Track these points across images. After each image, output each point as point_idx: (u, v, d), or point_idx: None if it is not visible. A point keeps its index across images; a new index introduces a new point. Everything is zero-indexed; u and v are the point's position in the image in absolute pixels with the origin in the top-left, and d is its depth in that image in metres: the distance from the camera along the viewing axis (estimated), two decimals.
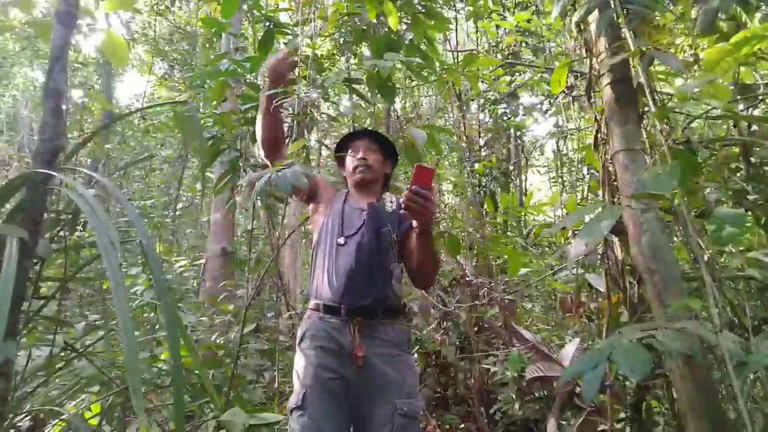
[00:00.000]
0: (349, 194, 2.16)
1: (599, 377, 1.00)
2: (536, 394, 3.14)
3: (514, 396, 3.12)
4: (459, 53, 5.26)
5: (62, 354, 2.39)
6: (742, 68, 2.03)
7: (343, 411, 1.78)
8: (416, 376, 1.91)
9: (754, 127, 2.00)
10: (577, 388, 2.59)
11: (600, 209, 1.21)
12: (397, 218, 1.96)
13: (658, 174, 1.07)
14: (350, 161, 2.12)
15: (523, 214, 5.42)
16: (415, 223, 1.72)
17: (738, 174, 1.87)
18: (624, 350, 1.00)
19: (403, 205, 1.61)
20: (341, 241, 1.93)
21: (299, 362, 1.89)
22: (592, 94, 1.85)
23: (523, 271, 3.71)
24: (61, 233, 2.04)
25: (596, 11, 1.62)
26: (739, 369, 1.07)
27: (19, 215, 1.57)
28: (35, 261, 1.75)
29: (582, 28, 1.82)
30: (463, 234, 4.43)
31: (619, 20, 1.52)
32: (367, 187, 2.11)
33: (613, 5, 1.49)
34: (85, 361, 2.56)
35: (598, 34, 1.67)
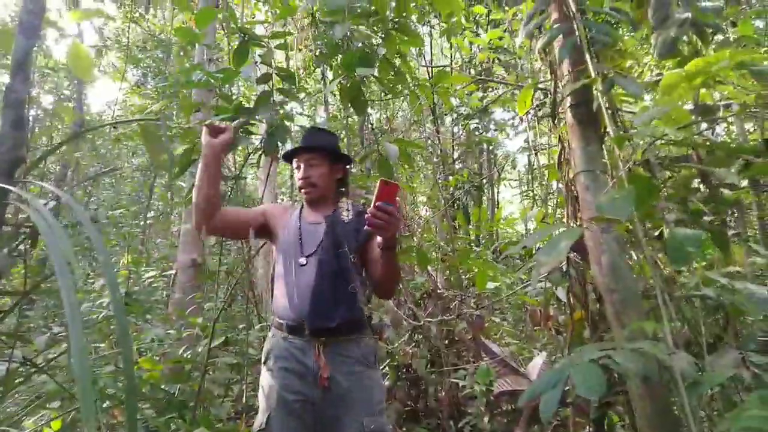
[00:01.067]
0: (303, 207, 2.11)
1: (557, 396, 1.01)
2: (504, 408, 3.16)
3: (483, 409, 3.14)
4: (432, 68, 5.32)
5: (20, 369, 2.32)
6: (702, 89, 2.11)
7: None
8: (383, 391, 1.89)
9: None
10: None
11: (560, 230, 1.23)
12: (354, 227, 1.94)
13: (614, 198, 1.10)
14: (296, 179, 2.08)
15: (494, 228, 5.49)
16: (379, 238, 1.68)
17: (697, 195, 1.93)
18: (581, 371, 1.03)
19: (366, 222, 1.58)
20: (302, 261, 1.88)
21: (264, 382, 1.86)
22: (558, 115, 1.89)
23: (493, 284, 3.75)
24: (21, 247, 1.99)
25: (560, 36, 1.67)
26: (693, 388, 1.11)
27: None
28: None
29: (547, 51, 1.87)
30: (434, 247, 4.46)
31: (582, 45, 1.56)
32: (318, 201, 2.07)
33: (576, 32, 1.53)
34: (45, 376, 2.48)
35: (561, 58, 1.71)
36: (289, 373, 1.79)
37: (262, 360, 1.91)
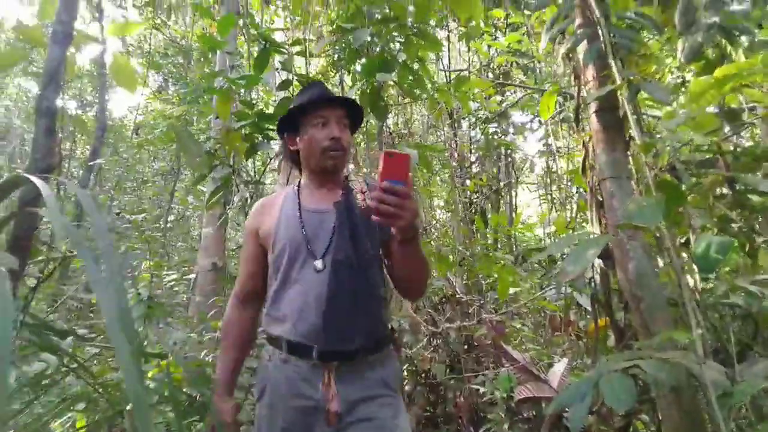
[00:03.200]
0: (301, 187, 1.63)
1: (586, 409, 1.01)
2: (525, 415, 3.14)
3: (503, 416, 3.12)
4: (451, 72, 5.32)
5: (48, 372, 2.36)
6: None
7: None
8: (407, 420, 1.49)
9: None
10: (566, 409, 2.60)
11: (587, 237, 1.23)
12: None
13: (643, 206, 1.09)
14: (319, 137, 1.53)
15: (513, 233, 5.46)
16: (393, 229, 1.27)
17: (723, 200, 1.90)
18: (610, 381, 1.02)
19: (373, 211, 1.20)
20: (318, 265, 1.43)
21: (262, 424, 1.49)
22: (581, 120, 1.88)
23: (513, 290, 3.73)
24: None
25: (584, 41, 1.66)
26: (725, 399, 1.09)
27: (8, 232, 1.57)
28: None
29: (570, 56, 1.86)
30: (453, 251, 4.45)
31: (607, 50, 1.55)
32: (331, 176, 1.59)
33: (601, 37, 1.53)
34: (71, 378, 2.52)
35: (585, 63, 1.70)
36: (292, 412, 1.42)
37: (256, 395, 1.52)
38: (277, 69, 3.22)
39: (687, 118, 1.36)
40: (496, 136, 5.87)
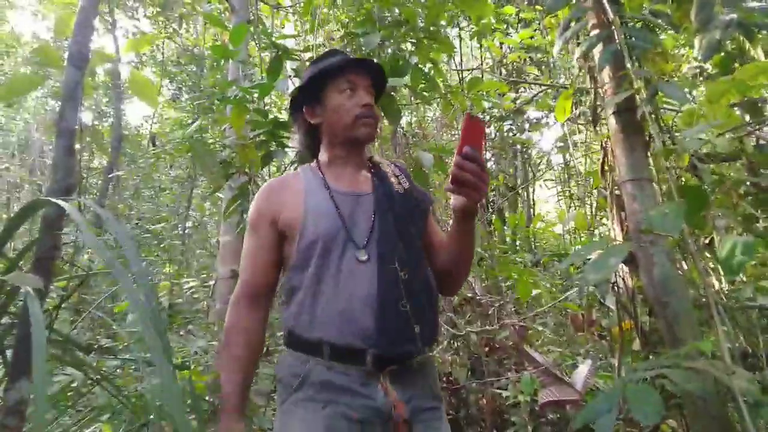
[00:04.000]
0: (323, 167, 1.44)
1: (612, 422, 0.99)
2: (550, 417, 3.11)
3: (527, 419, 3.09)
4: (463, 71, 5.30)
5: (74, 383, 2.40)
6: None
7: None
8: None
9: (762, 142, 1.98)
10: None
11: (609, 244, 1.21)
12: (415, 199, 1.38)
13: (665, 213, 1.07)
14: (349, 105, 1.36)
15: (532, 233, 5.41)
16: (461, 200, 1.15)
17: (747, 198, 1.85)
18: (637, 393, 1.00)
19: (451, 178, 1.09)
20: (361, 256, 1.23)
21: (294, 424, 1.21)
22: (599, 121, 1.86)
23: (534, 291, 3.70)
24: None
25: (599, 44, 1.63)
26: (757, 409, 1.06)
27: (32, 251, 1.59)
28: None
29: (586, 57, 1.83)
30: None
31: (622, 51, 1.53)
32: (363, 146, 1.44)
33: (616, 39, 1.50)
34: (97, 389, 2.55)
35: (601, 65, 1.68)
36: (342, 419, 1.17)
37: (291, 387, 1.24)
38: (290, 76, 3.23)
39: (709, 126, 1.33)
40: (511, 134, 5.82)
